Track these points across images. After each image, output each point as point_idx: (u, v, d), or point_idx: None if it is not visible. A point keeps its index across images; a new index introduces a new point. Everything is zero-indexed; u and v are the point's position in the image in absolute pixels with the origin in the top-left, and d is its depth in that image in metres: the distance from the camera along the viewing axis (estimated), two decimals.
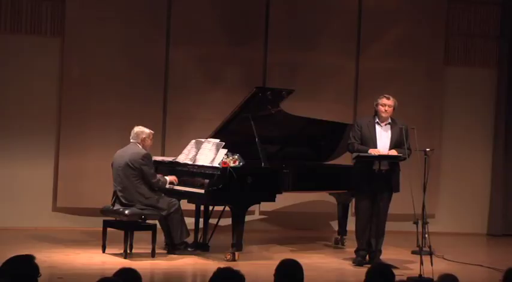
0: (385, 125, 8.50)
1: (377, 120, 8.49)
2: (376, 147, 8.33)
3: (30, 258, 4.52)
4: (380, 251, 8.44)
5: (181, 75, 10.60)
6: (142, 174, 8.34)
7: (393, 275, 4.77)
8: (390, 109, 8.43)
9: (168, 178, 8.59)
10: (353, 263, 8.52)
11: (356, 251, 8.59)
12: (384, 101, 8.43)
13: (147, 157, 8.42)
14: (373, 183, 8.38)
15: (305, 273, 4.77)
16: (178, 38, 10.58)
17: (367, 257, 8.46)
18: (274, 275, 4.69)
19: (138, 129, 8.53)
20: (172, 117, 10.50)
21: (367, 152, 8.33)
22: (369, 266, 5.79)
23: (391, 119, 8.52)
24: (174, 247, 8.53)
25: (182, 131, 9.94)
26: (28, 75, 10.14)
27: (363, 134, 8.46)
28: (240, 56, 10.77)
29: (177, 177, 8.76)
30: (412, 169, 8.37)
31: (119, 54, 10.30)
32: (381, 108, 8.43)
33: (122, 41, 10.33)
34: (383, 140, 8.43)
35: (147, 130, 8.58)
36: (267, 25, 10.91)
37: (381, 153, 8.26)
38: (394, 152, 8.33)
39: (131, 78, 10.25)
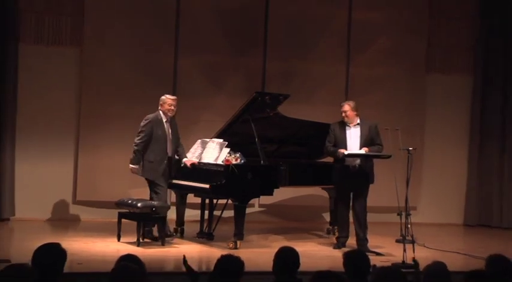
0: (354, 126, 8.57)
1: (347, 123, 8.56)
2: (346, 147, 8.46)
3: (58, 246, 4.55)
4: (367, 240, 8.48)
5: (188, 82, 10.61)
6: None
7: (367, 258, 4.78)
8: (348, 113, 8.53)
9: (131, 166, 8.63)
10: (334, 248, 8.61)
11: (337, 238, 8.80)
12: (342, 108, 8.56)
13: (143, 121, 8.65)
14: (349, 177, 8.50)
15: (300, 260, 4.78)
16: (185, 49, 10.60)
17: (357, 246, 8.50)
18: (274, 260, 4.69)
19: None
20: (180, 119, 10.43)
21: (336, 153, 8.45)
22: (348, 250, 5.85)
23: (360, 120, 8.58)
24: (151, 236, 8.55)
25: (189, 132, 9.94)
26: (50, 82, 10.17)
27: (335, 136, 8.59)
28: (241, 64, 10.79)
29: (183, 173, 8.77)
30: (397, 166, 8.40)
31: (131, 62, 10.31)
32: (342, 114, 8.55)
33: (134, 50, 10.34)
34: (353, 139, 8.53)
35: (162, 97, 8.73)
36: (265, 37, 10.92)
37: (345, 153, 8.35)
38: (366, 150, 8.39)
39: (143, 84, 10.27)
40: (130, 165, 8.66)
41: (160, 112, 8.70)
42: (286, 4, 10.91)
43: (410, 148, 8.20)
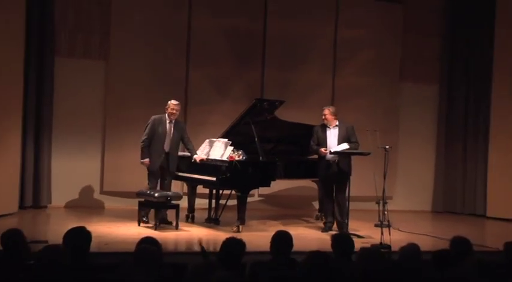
0: (333, 127, 8.60)
1: (327, 125, 8.60)
2: (326, 146, 8.52)
3: (83, 228, 4.58)
4: (346, 223, 8.48)
5: (197, 90, 10.61)
6: None
7: (352, 240, 4.79)
8: (327, 116, 8.60)
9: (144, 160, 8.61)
10: (322, 231, 8.61)
11: (324, 223, 8.83)
12: (323, 112, 8.63)
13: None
14: (331, 173, 8.52)
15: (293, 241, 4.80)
16: (195, 62, 10.60)
17: (337, 228, 8.53)
18: (271, 242, 4.70)
19: None
20: (190, 121, 10.50)
21: (318, 151, 8.54)
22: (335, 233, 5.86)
23: (339, 123, 8.61)
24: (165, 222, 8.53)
25: (198, 132, 9.93)
26: (81, 89, 10.17)
27: (318, 136, 8.64)
28: (243, 75, 10.79)
29: (194, 167, 8.75)
30: (375, 161, 8.41)
31: (149, 73, 10.32)
32: (323, 117, 8.61)
33: (152, 63, 10.34)
34: (332, 139, 8.58)
35: (168, 102, 8.68)
36: (263, 52, 10.93)
37: (326, 151, 8.41)
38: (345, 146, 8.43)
39: (159, 92, 10.23)
40: (140, 160, 8.67)
41: (166, 114, 8.69)
42: (281, 24, 10.89)
43: (386, 146, 8.19)
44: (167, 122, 8.66)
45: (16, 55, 9.26)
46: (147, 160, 8.60)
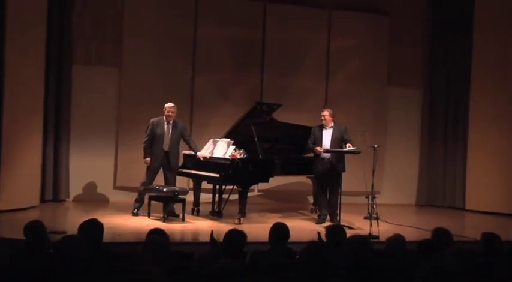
0: (329, 128, 8.63)
1: (324, 126, 8.60)
2: (321, 145, 8.56)
3: (96, 220, 4.58)
4: (337, 214, 8.48)
5: (202, 94, 10.60)
6: None
7: (344, 231, 4.80)
8: (326, 117, 8.64)
9: (145, 160, 8.63)
10: (316, 223, 8.61)
11: (318, 215, 8.82)
12: (322, 113, 8.66)
13: None
14: (325, 168, 8.56)
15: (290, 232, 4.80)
16: (200, 68, 10.59)
17: (329, 219, 8.54)
18: (269, 233, 4.70)
19: None
20: (196, 123, 10.52)
21: (313, 149, 8.57)
22: (329, 224, 5.85)
23: (334, 124, 8.60)
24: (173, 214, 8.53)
25: (203, 133, 9.95)
26: (96, 94, 10.18)
27: (315, 136, 8.67)
28: (243, 80, 10.79)
29: (199, 165, 8.75)
30: (365, 159, 8.41)
31: (159, 79, 10.31)
32: (321, 117, 8.63)
33: (161, 70, 10.33)
34: (326, 138, 8.59)
35: (165, 105, 8.64)
36: (262, 59, 10.92)
37: (321, 150, 8.47)
38: (348, 145, 8.43)
39: (167, 96, 10.14)
40: (143, 159, 8.67)
41: (164, 116, 8.67)
42: (278, 34, 10.89)
43: (375, 146, 8.21)
44: (165, 123, 8.65)
45: (37, 63, 9.27)
46: (148, 159, 8.62)
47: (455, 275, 3.31)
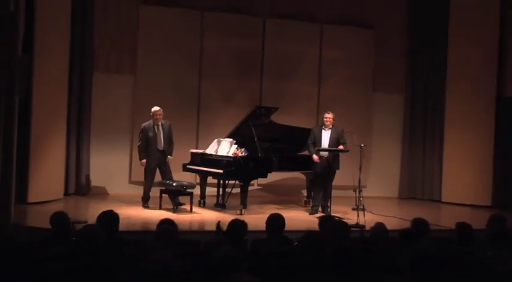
0: (328, 129, 8.59)
1: (323, 127, 8.57)
2: (321, 145, 8.58)
3: (111, 211, 4.59)
4: (328, 207, 8.47)
5: (207, 98, 10.57)
6: None
7: (335, 220, 4.78)
8: (330, 119, 8.61)
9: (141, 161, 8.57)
10: (309, 214, 8.59)
11: (312, 207, 8.79)
12: (326, 115, 8.67)
13: None
14: (322, 165, 8.56)
15: (285, 222, 4.79)
16: (206, 75, 10.56)
17: (321, 210, 8.53)
18: (266, 223, 4.69)
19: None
20: (202, 124, 10.51)
21: (311, 152, 8.62)
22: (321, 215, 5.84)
23: (332, 126, 8.59)
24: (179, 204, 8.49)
25: (208, 133, 9.94)
26: (113, 99, 10.15)
27: (315, 136, 8.64)
28: (245, 85, 10.75)
29: (205, 163, 8.73)
30: (353, 157, 8.42)
31: (169, 85, 10.28)
32: (325, 119, 8.64)
33: (171, 77, 10.31)
34: (325, 138, 8.59)
35: (152, 109, 8.53)
36: (262, 66, 10.87)
37: (318, 160, 8.51)
38: (341, 147, 8.43)
39: (176, 100, 10.27)
40: (139, 160, 8.65)
41: (152, 120, 8.60)
42: (276, 45, 10.86)
43: (362, 145, 8.22)
44: (155, 126, 8.60)
45: (62, 70, 9.26)
46: (144, 160, 8.56)
47: (433, 260, 3.31)
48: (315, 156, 8.50)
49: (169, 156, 8.67)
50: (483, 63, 10.64)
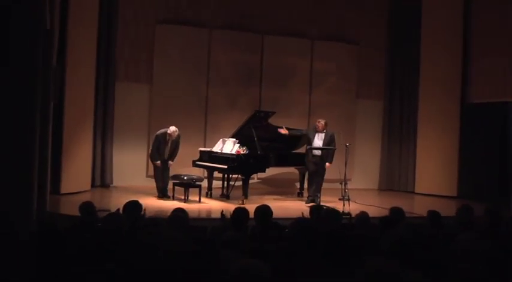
0: (321, 132, 8.57)
1: (316, 130, 8.62)
2: (312, 143, 8.62)
3: (137, 201, 4.58)
4: (318, 197, 8.48)
5: (214, 103, 10.56)
6: None
7: (323, 209, 4.76)
8: (320, 125, 8.67)
9: (156, 162, 8.53)
10: (306, 203, 8.58)
11: (308, 197, 8.77)
12: (320, 122, 8.70)
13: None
14: (314, 162, 8.58)
15: (279, 211, 4.72)
16: (213, 83, 10.54)
17: (312, 200, 8.54)
18: (254, 213, 4.55)
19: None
20: (209, 125, 10.50)
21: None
22: (312, 204, 5.82)
23: (325, 130, 8.59)
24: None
25: (215, 133, 9.93)
26: (132, 105, 10.13)
27: (308, 133, 8.80)
28: (246, 92, 10.74)
29: (211, 159, 8.71)
30: (340, 154, 8.40)
31: (180, 93, 10.27)
32: (318, 124, 8.67)
33: (183, 85, 10.30)
34: (318, 140, 8.63)
35: (168, 131, 8.45)
36: (261, 76, 10.86)
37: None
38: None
39: (188, 105, 10.27)
40: (153, 162, 8.63)
41: (167, 134, 8.53)
42: (272, 58, 10.85)
43: (347, 144, 8.22)
44: (167, 138, 8.54)
45: (89, 80, 9.27)
46: (158, 162, 8.54)
47: (409, 243, 3.32)
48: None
49: (170, 162, 8.64)
50: (450, 68, 10.62)
